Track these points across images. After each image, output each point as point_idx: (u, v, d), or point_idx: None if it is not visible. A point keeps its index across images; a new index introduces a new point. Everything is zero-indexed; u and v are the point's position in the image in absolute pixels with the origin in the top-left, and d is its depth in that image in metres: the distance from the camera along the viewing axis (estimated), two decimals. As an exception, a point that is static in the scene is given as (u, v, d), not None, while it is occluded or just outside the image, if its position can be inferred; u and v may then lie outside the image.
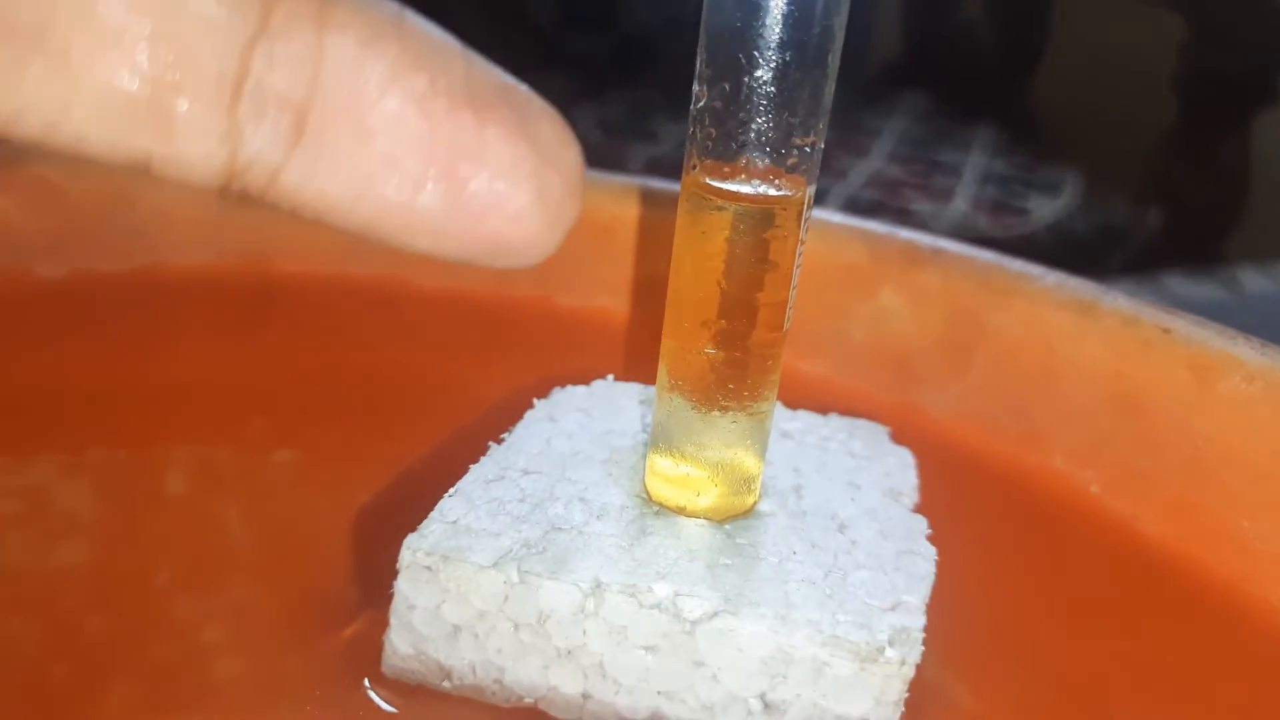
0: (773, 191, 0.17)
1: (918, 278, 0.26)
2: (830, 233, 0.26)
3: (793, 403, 0.22)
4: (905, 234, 0.26)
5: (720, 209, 0.17)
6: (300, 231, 0.28)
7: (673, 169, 0.28)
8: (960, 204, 1.02)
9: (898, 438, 0.23)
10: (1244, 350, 0.22)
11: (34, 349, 0.26)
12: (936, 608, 0.18)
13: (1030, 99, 1.33)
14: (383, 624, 0.18)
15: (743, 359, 0.18)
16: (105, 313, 0.27)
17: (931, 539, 0.19)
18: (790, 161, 0.17)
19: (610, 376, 0.23)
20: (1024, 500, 0.24)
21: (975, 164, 1.15)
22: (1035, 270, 0.25)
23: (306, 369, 0.27)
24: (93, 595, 0.20)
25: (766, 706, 0.17)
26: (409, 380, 0.27)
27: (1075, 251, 1.01)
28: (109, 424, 0.25)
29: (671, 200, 0.27)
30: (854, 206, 1.01)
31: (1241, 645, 0.21)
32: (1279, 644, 0.20)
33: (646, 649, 0.17)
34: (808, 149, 0.17)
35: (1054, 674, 0.20)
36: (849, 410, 0.23)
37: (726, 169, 0.17)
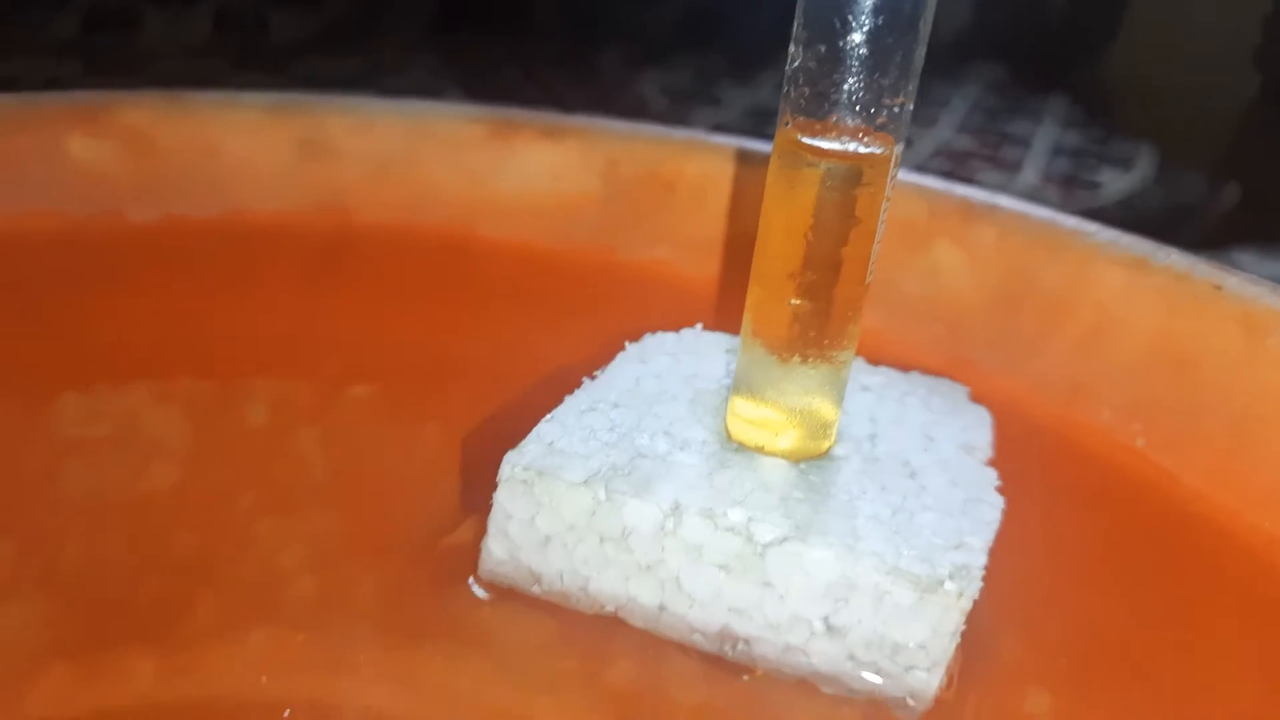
0: (862, 149, 0.18)
1: (973, 233, 0.26)
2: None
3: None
4: (962, 190, 0.26)
5: (811, 165, 0.18)
6: (372, 184, 0.30)
7: (737, 134, 0.30)
8: (1029, 176, 1.02)
9: None
10: None
11: (127, 288, 0.28)
12: (996, 557, 0.19)
13: (1105, 70, 1.32)
14: (477, 535, 0.20)
15: (825, 310, 0.19)
16: (192, 255, 0.29)
17: (1001, 491, 0.20)
18: (880, 120, 0.18)
19: (699, 325, 0.25)
20: (1071, 454, 0.24)
21: (1046, 136, 1.15)
22: (1089, 227, 0.25)
23: (378, 313, 0.28)
24: (180, 515, 0.22)
25: (829, 628, 0.18)
26: (478, 325, 0.28)
27: (1146, 227, 1.01)
28: (195, 358, 0.26)
29: (732, 155, 0.29)
30: (920, 174, 1.02)
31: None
32: None
33: (720, 568, 0.18)
34: (897, 109, 0.18)
35: (1096, 624, 0.21)
36: (899, 363, 0.24)
37: (818, 126, 0.18)
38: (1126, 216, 1.02)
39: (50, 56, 1.00)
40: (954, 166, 1.08)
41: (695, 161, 0.29)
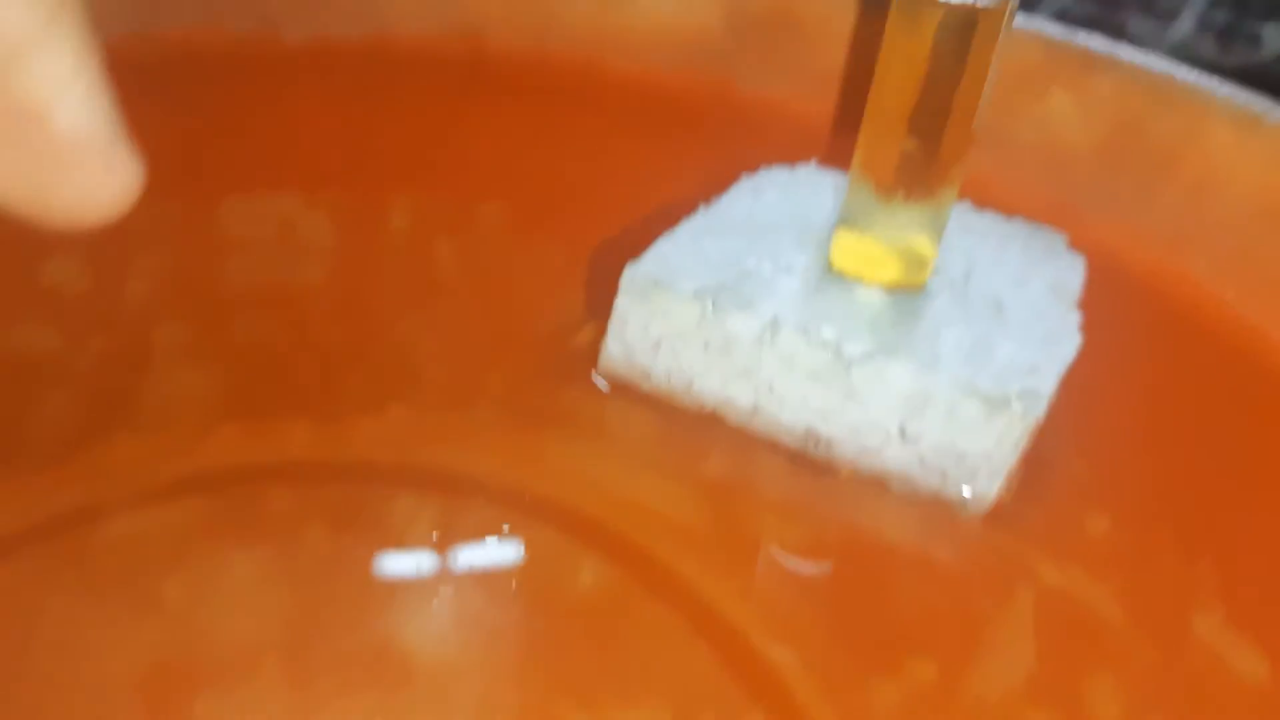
0: (978, 1, 0.19)
1: (1088, 83, 0.26)
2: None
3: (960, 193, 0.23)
4: (1082, 39, 0.26)
5: (928, 11, 0.19)
6: (507, 11, 0.32)
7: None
8: (1185, 25, 0.98)
9: None
10: None
11: (280, 103, 0.30)
12: (1071, 393, 0.21)
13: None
14: (598, 337, 0.23)
15: (932, 151, 0.20)
16: (340, 73, 0.30)
17: (1083, 330, 0.21)
18: None
19: (814, 161, 0.26)
20: (1161, 303, 0.25)
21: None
22: (1207, 82, 0.25)
23: (509, 135, 0.30)
24: (329, 308, 0.25)
25: (903, 435, 0.20)
26: (602, 150, 0.30)
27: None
28: (342, 169, 0.28)
29: None
30: (1065, 19, 0.99)
31: None
32: None
33: (809, 377, 0.20)
34: None
35: (1162, 461, 0.22)
36: (1004, 208, 0.25)
37: None
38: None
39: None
40: (1104, 12, 1.05)
41: None
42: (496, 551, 0.20)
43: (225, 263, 0.26)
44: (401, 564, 0.19)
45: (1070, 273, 0.23)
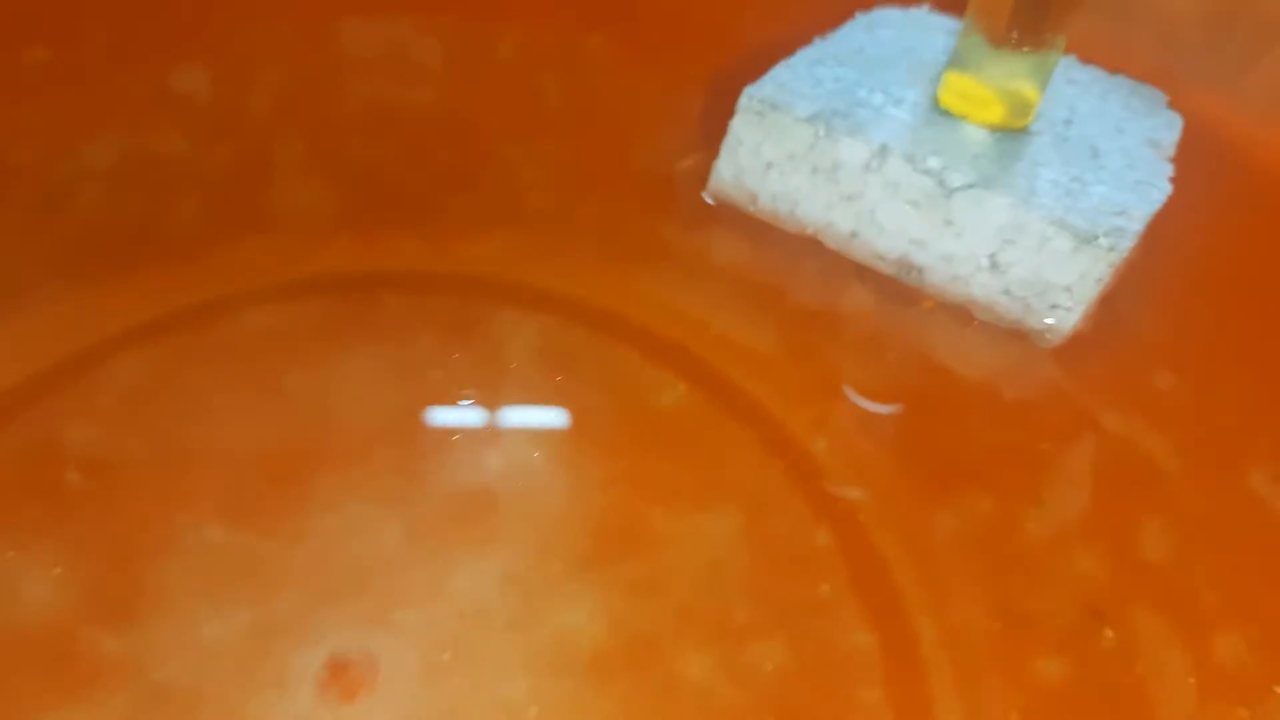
0: None
1: None
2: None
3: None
4: None
5: None
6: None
7: None
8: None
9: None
10: None
11: None
12: (1157, 247, 0.22)
13: None
14: (708, 161, 0.24)
15: (1041, 8, 0.21)
16: None
17: (1173, 181, 0.22)
18: None
19: (926, 4, 0.26)
20: (1253, 168, 0.26)
21: None
22: None
23: None
24: (436, 130, 0.26)
25: (994, 264, 0.21)
26: None
27: None
28: None
29: None
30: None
31: None
32: None
33: (911, 204, 0.22)
34: None
35: (1233, 322, 0.23)
36: (1107, 66, 0.25)
37: None
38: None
39: None
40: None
41: None
42: (586, 368, 0.21)
43: (342, 81, 0.27)
44: (497, 373, 0.21)
45: (1167, 129, 0.24)
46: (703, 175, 0.24)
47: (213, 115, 0.26)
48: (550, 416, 0.21)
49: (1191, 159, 0.24)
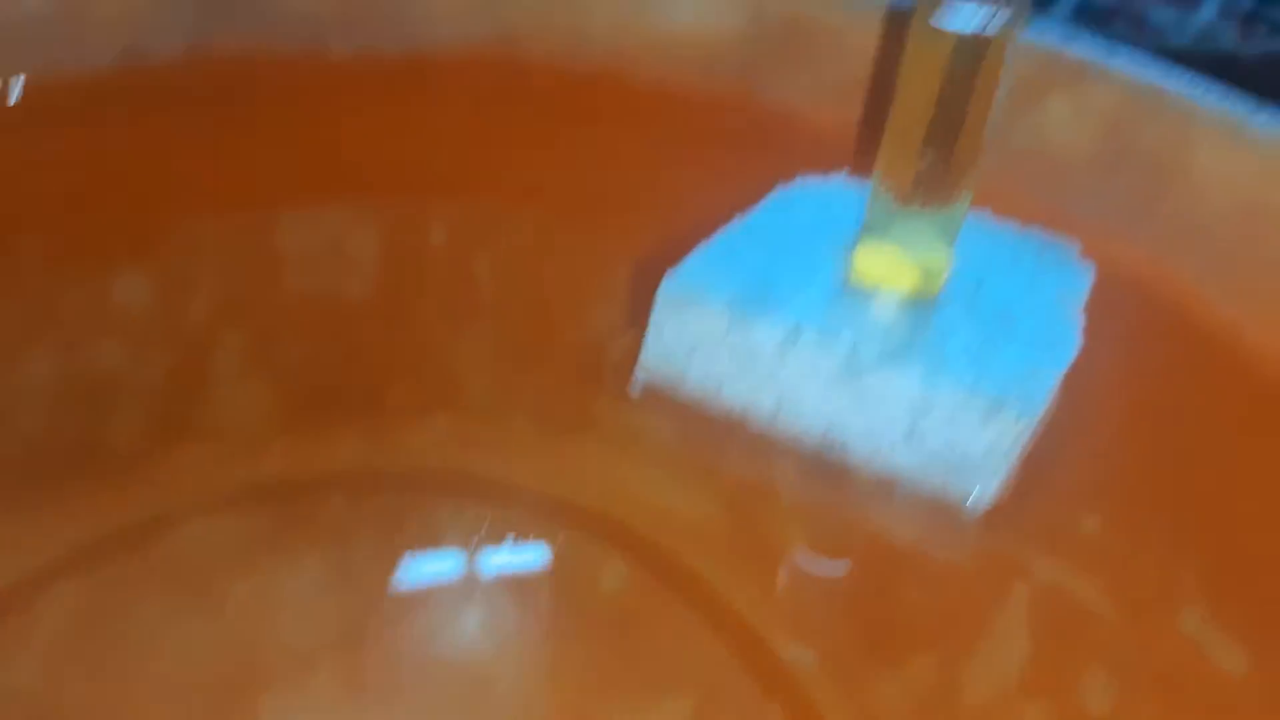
0: (984, 30, 0.21)
1: (1082, 92, 0.28)
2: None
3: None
4: (1076, 48, 0.28)
5: (943, 38, 0.21)
6: (541, 23, 0.33)
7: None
8: (1207, 12, 0.98)
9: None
10: None
11: (329, 115, 0.31)
12: (1072, 393, 0.23)
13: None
14: (636, 344, 0.25)
15: (946, 164, 0.22)
16: (383, 86, 0.32)
17: (1083, 335, 0.23)
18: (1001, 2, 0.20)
19: (845, 171, 0.27)
20: (1150, 303, 0.26)
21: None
22: (1195, 91, 0.26)
23: (545, 143, 0.31)
24: (374, 319, 0.26)
25: (912, 436, 0.22)
26: (635, 158, 0.31)
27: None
28: (388, 180, 0.30)
29: (875, 5, 0.31)
30: (1086, 13, 0.99)
31: None
32: None
33: (826, 381, 0.22)
34: None
35: (1155, 462, 0.24)
36: (1005, 211, 0.26)
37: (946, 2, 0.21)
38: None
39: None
40: (1125, 1, 1.05)
41: (835, 10, 0.31)
42: (529, 555, 0.22)
43: (279, 278, 0.28)
44: (443, 568, 0.21)
45: (1078, 280, 0.25)
46: (635, 354, 0.25)
47: (152, 322, 0.26)
48: (496, 609, 0.21)
49: (1102, 304, 0.25)
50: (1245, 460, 0.24)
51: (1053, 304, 0.24)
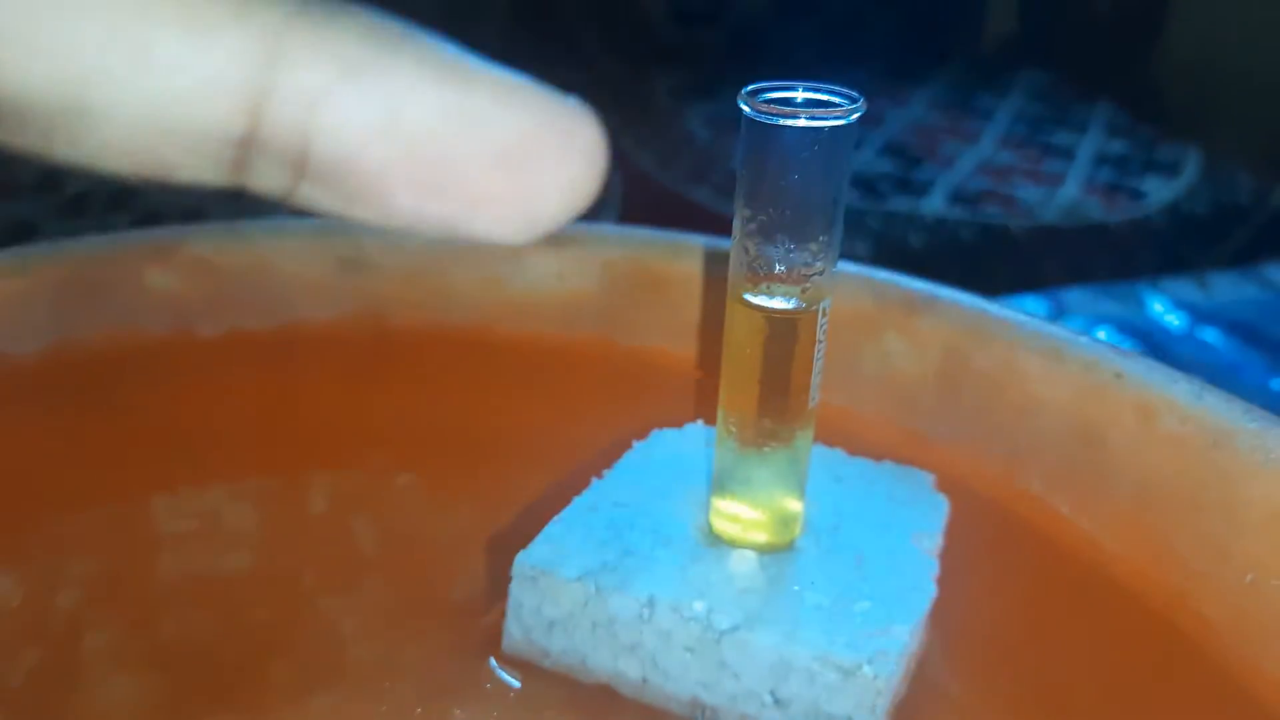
0: (796, 304, 0.22)
1: (915, 322, 0.29)
2: (844, 282, 0.28)
3: (821, 429, 0.25)
4: (904, 283, 0.30)
5: (754, 315, 0.22)
6: (404, 292, 0.35)
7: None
8: (1071, 189, 1.04)
9: (903, 461, 0.27)
10: (1181, 393, 0.25)
11: (199, 394, 0.32)
12: (942, 619, 0.24)
13: (1154, 72, 1.33)
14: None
15: (776, 425, 0.23)
16: (253, 363, 0.33)
17: (938, 579, 0.24)
18: (807, 285, 0.22)
19: (700, 421, 0.28)
20: (1007, 518, 0.28)
21: (1091, 144, 1.17)
22: (1016, 318, 0.28)
23: (415, 406, 0.32)
24: (254, 594, 0.26)
25: (776, 701, 0.22)
26: (503, 413, 0.32)
27: (1192, 233, 1.02)
28: (263, 456, 0.30)
29: (710, 255, 0.32)
30: (960, 196, 1.05)
31: (1174, 655, 0.24)
32: (1202, 653, 0.24)
33: (687, 650, 0.22)
34: (820, 275, 0.22)
35: (1028, 670, 0.25)
36: (862, 435, 0.28)
37: (760, 283, 0.22)
38: (1171, 223, 1.03)
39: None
40: (996, 183, 1.11)
41: (678, 260, 0.33)
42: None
43: (154, 560, 0.28)
44: None
45: (932, 516, 0.26)
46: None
47: (18, 619, 0.26)
48: None
49: (961, 525, 0.26)
50: (1109, 665, 0.25)
51: (907, 546, 0.24)
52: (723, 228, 0.25)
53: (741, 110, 0.20)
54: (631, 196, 1.02)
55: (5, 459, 0.30)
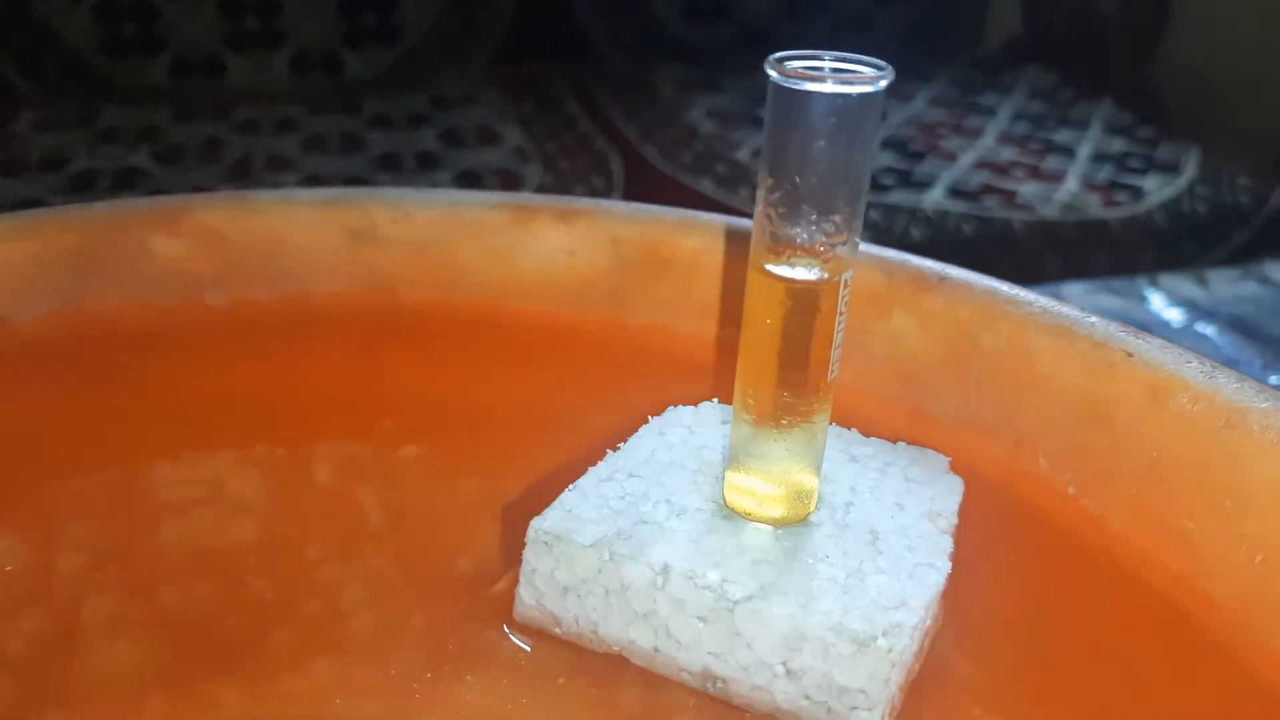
0: (818, 275, 0.22)
1: (924, 301, 0.29)
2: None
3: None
4: (916, 262, 0.30)
5: (775, 285, 0.22)
6: (413, 265, 0.34)
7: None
8: (1071, 185, 1.04)
9: (909, 442, 0.27)
10: (1192, 373, 0.25)
11: (207, 365, 0.32)
12: (950, 598, 0.24)
13: (1156, 73, 1.33)
14: (514, 583, 0.24)
15: (794, 399, 0.23)
16: (261, 334, 0.33)
17: (952, 556, 0.23)
18: (829, 254, 0.22)
19: (715, 399, 0.28)
20: (1013, 499, 0.27)
21: (1091, 142, 1.17)
22: (1025, 296, 0.28)
23: (423, 381, 0.32)
24: (258, 563, 0.26)
25: (788, 672, 0.22)
26: (511, 390, 0.32)
27: (1190, 232, 1.02)
28: (268, 426, 0.30)
29: (721, 232, 0.31)
30: (961, 191, 1.05)
31: (1180, 635, 0.24)
32: (1210, 634, 0.24)
33: (699, 619, 0.22)
34: (844, 245, 0.22)
35: (1036, 650, 0.24)
36: (869, 415, 0.27)
37: (781, 254, 0.22)
38: (1169, 222, 1.03)
39: (144, 106, 1.10)
40: (996, 178, 1.11)
41: (688, 238, 0.32)
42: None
43: (157, 529, 0.28)
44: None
45: (947, 497, 0.25)
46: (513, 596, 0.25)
47: (19, 583, 0.26)
48: None
49: (971, 506, 0.26)
50: (1131, 656, 0.24)
51: (922, 524, 0.24)
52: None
53: (768, 76, 0.20)
54: (633, 188, 1.02)
55: (8, 424, 0.30)
